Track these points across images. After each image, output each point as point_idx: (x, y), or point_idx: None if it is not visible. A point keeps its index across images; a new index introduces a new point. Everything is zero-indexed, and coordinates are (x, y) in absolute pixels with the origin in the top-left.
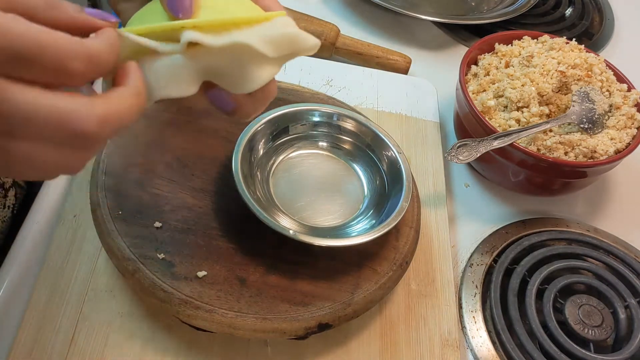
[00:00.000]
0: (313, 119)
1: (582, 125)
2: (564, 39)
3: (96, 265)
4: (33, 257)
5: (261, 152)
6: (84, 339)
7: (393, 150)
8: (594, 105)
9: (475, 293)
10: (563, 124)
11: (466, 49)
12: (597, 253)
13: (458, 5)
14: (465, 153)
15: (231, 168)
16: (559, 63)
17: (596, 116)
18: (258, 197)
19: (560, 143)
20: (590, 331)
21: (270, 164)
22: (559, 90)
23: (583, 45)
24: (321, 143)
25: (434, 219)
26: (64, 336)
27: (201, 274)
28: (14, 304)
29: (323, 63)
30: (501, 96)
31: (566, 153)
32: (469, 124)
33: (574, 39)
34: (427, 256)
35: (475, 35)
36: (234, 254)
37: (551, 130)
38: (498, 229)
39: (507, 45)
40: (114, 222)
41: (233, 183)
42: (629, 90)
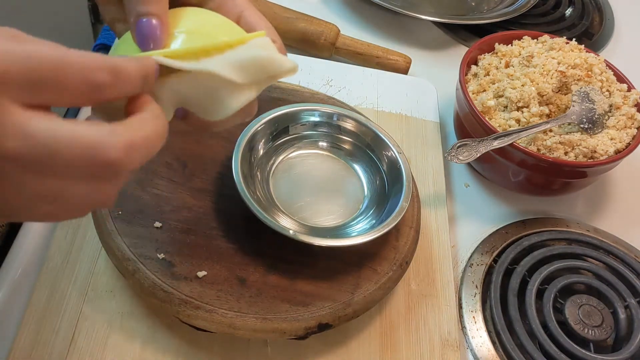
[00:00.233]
0: (313, 119)
1: (582, 125)
2: (564, 39)
3: (96, 265)
4: (33, 257)
5: (261, 152)
6: (84, 339)
7: (393, 150)
8: (594, 105)
9: (475, 293)
10: (563, 124)
11: (466, 49)
12: (597, 253)
13: (458, 5)
14: (465, 153)
15: (231, 168)
16: (559, 63)
17: (596, 116)
18: (258, 197)
19: (560, 143)
20: (590, 331)
21: (270, 164)
22: (559, 90)
23: (583, 45)
24: (321, 143)
25: (434, 219)
26: (64, 336)
27: (201, 274)
28: (14, 304)
29: (323, 63)
30: (501, 96)
31: (566, 153)
32: (469, 124)
33: (574, 39)
34: (427, 256)
35: (475, 35)
36: (234, 254)
37: (551, 130)
38: (498, 229)
39: (507, 45)
40: (114, 222)
41: (233, 183)
42: (629, 90)
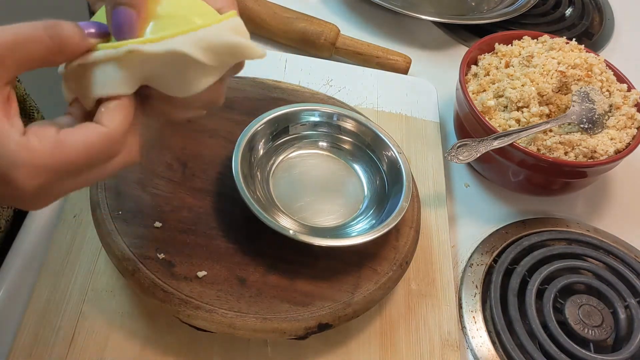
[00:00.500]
0: (313, 119)
1: (582, 125)
2: (564, 39)
3: (96, 265)
4: (33, 257)
5: (261, 152)
6: (84, 339)
7: (393, 150)
8: (594, 105)
9: (475, 293)
10: (563, 124)
11: (466, 49)
12: (597, 253)
13: (458, 5)
14: (465, 153)
15: (231, 168)
16: (559, 63)
17: (596, 116)
18: (258, 197)
19: (560, 143)
20: (590, 331)
21: (270, 164)
22: (559, 90)
23: (583, 45)
24: (321, 143)
25: (434, 219)
26: (64, 336)
27: (201, 274)
28: (14, 304)
29: (323, 63)
30: (501, 96)
31: (566, 153)
32: (469, 124)
33: (574, 39)
34: (427, 256)
35: (475, 35)
36: (234, 254)
37: (551, 130)
38: (498, 229)
39: (507, 45)
40: (114, 222)
41: (233, 183)
42: (629, 90)
